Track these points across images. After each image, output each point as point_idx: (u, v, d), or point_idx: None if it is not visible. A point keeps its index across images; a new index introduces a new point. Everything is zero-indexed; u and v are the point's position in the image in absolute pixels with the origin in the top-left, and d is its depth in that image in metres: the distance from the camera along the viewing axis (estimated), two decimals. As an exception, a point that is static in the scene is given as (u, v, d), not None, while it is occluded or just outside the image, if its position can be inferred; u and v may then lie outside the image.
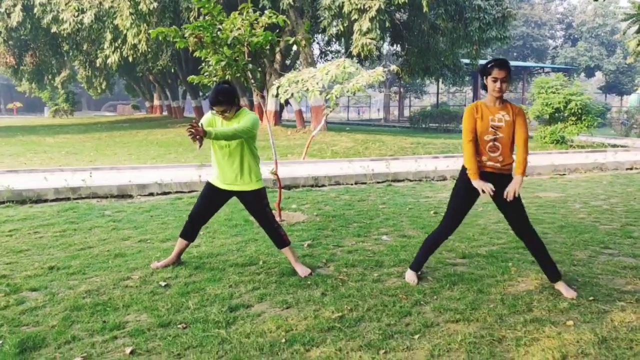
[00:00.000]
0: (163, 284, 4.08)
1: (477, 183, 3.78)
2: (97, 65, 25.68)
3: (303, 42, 6.94)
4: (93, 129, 25.12)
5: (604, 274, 4.37)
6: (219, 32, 6.09)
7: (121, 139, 19.34)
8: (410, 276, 4.19)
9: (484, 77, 3.83)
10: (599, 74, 53.53)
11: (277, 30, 18.21)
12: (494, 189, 3.73)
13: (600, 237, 5.57)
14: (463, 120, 3.94)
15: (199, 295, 3.82)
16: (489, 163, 3.85)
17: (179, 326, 3.31)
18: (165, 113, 39.62)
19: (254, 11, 6.43)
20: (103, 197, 7.84)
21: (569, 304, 3.66)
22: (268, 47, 6.42)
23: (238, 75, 6.46)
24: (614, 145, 16.81)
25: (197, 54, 6.55)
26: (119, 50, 20.49)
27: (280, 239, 4.40)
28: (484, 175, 3.84)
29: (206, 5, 6.00)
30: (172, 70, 27.07)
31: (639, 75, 50.59)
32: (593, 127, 16.22)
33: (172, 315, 3.47)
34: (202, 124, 4.05)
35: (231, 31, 6.22)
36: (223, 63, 6.30)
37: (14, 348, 2.98)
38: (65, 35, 22.03)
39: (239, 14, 6.24)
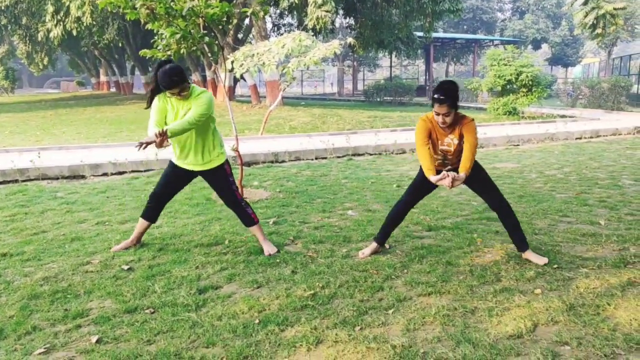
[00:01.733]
0: (126, 267, 3.92)
1: (434, 178, 3.76)
2: (39, 40, 24.36)
3: (261, 14, 6.72)
4: (37, 107, 23.97)
5: (565, 241, 4.48)
6: (172, 3, 5.82)
7: (68, 117, 18.54)
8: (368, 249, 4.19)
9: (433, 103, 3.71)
10: (545, 46, 54.92)
11: (232, 2, 17.76)
12: (451, 180, 3.70)
13: (558, 206, 5.72)
14: (416, 130, 3.83)
15: (165, 278, 3.69)
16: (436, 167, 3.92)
17: (146, 311, 3.18)
18: (113, 89, 38.28)
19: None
20: (53, 179, 7.49)
21: (535, 273, 3.73)
22: (225, 19, 6.19)
23: (194, 48, 6.22)
24: (563, 116, 17.33)
25: (149, 26, 6.25)
26: (61, 23, 19.41)
27: (248, 217, 4.29)
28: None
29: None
30: (120, 45, 26.02)
31: (583, 48, 52.21)
32: (542, 99, 16.65)
33: (138, 300, 3.33)
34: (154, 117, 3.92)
35: (185, 2, 5.96)
36: (178, 36, 6.03)
37: (-31, 342, 2.79)
38: (3, 8, 20.75)
39: (193, -17, 5.98)
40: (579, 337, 2.78)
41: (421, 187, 4.06)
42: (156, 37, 6.69)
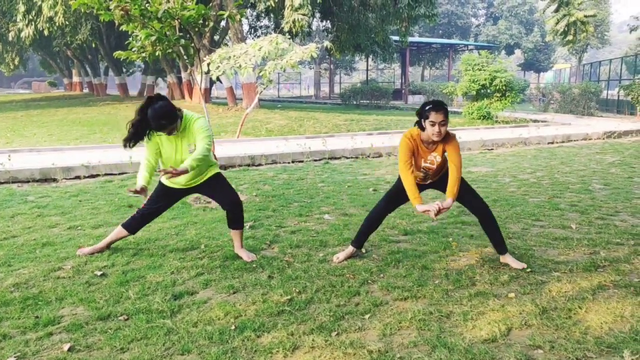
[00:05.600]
0: (99, 273, 3.85)
1: (420, 208, 3.72)
2: (9, 39, 23.82)
3: (238, 17, 6.70)
4: (7, 107, 23.43)
5: (538, 245, 4.56)
6: (147, 5, 5.76)
7: (39, 118, 18.15)
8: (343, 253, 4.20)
9: (422, 119, 3.70)
10: (518, 52, 55.88)
11: (209, 5, 17.61)
12: (437, 210, 3.69)
13: (531, 210, 5.81)
14: (400, 149, 3.82)
15: (139, 284, 3.64)
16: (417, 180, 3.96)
17: (120, 318, 3.13)
18: (86, 90, 37.62)
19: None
20: (24, 182, 7.33)
21: (509, 277, 3.78)
22: (201, 21, 6.15)
23: (169, 51, 6.16)
24: (535, 121, 17.64)
25: (123, 27, 6.18)
26: (33, 23, 19.02)
27: (242, 219, 4.25)
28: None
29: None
30: (93, 45, 25.61)
31: (554, 53, 53.28)
32: (515, 103, 16.94)
33: (112, 306, 3.28)
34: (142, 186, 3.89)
35: (160, 4, 5.90)
36: (153, 38, 5.98)
37: None
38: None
39: (168, -15, 5.92)
40: (551, 341, 2.82)
41: (397, 197, 4.08)
42: (131, 39, 6.62)
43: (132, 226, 4.28)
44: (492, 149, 11.45)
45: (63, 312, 3.23)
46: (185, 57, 6.39)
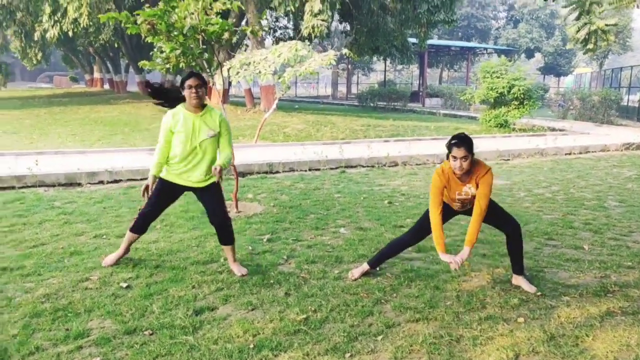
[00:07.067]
0: (124, 285, 4.03)
1: (444, 257, 3.89)
2: (35, 39, 24.30)
3: (260, 33, 6.85)
4: (30, 104, 23.92)
5: (549, 267, 4.65)
6: (173, 21, 5.93)
7: (62, 116, 18.53)
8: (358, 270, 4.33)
9: (448, 153, 3.82)
10: (538, 55, 55.39)
11: (228, 18, 17.71)
12: (459, 262, 3.84)
13: (544, 228, 5.88)
14: (431, 187, 3.95)
15: (162, 298, 3.81)
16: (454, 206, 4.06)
17: (145, 333, 3.30)
18: (106, 87, 38.13)
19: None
20: (50, 186, 7.57)
21: (519, 300, 3.89)
22: (224, 36, 6.31)
23: (193, 64, 6.34)
24: (553, 129, 17.56)
25: (149, 39, 6.37)
26: (58, 24, 19.42)
27: (231, 235, 4.40)
28: (445, 206, 4.02)
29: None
30: (115, 45, 25.99)
31: (575, 57, 52.69)
32: (534, 112, 16.89)
33: (137, 320, 3.45)
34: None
35: (184, 17, 6.07)
36: (178, 52, 6.16)
37: (-25, 362, 2.91)
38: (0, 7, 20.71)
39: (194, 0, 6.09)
40: (557, 370, 2.93)
41: (422, 232, 4.22)
42: (155, 50, 6.80)
43: (139, 227, 4.44)
44: (508, 160, 11.49)
45: (92, 324, 3.41)
46: (207, 70, 6.56)
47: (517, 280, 4.19)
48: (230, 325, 3.42)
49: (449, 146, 3.79)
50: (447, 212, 4.10)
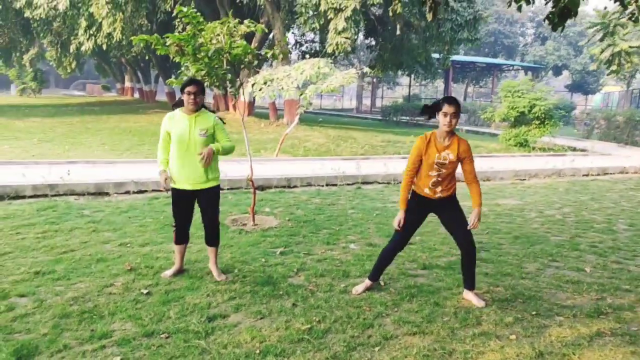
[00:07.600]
0: (145, 291, 4.37)
1: (400, 213, 4.30)
2: (70, 51, 25.34)
3: (281, 56, 7.22)
4: (63, 112, 24.80)
5: (548, 287, 4.84)
6: (200, 45, 6.32)
7: (93, 125, 19.23)
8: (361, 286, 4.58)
9: (436, 112, 4.17)
10: (566, 73, 54.94)
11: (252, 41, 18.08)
12: (400, 224, 4.30)
13: (550, 249, 6.06)
14: (412, 149, 4.28)
15: (179, 305, 4.13)
16: (426, 191, 4.29)
17: (161, 336, 3.62)
18: (136, 95, 39.20)
19: (234, 16, 6.69)
20: (80, 194, 8.01)
21: (514, 318, 4.10)
22: (247, 58, 6.68)
23: (217, 84, 6.72)
24: (574, 149, 17.56)
25: (176, 59, 6.78)
26: (93, 38, 20.29)
27: (217, 237, 4.81)
28: (421, 199, 4.31)
29: (188, 15, 6.22)
30: (146, 58, 26.85)
31: (603, 76, 52.11)
32: (555, 131, 16.93)
33: (155, 324, 3.78)
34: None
35: (211, 40, 6.46)
36: (203, 72, 6.55)
37: (10, 356, 3.25)
38: (37, 18, 21.67)
39: (220, 24, 6.48)
40: (538, 385, 3.15)
41: (411, 223, 4.41)
42: (182, 68, 7.22)
43: (181, 238, 4.82)
44: (524, 180, 11.61)
45: (114, 326, 3.74)
46: (231, 90, 6.92)
47: (468, 295, 4.44)
48: (240, 332, 3.72)
49: (441, 103, 4.13)
50: (420, 212, 4.38)
